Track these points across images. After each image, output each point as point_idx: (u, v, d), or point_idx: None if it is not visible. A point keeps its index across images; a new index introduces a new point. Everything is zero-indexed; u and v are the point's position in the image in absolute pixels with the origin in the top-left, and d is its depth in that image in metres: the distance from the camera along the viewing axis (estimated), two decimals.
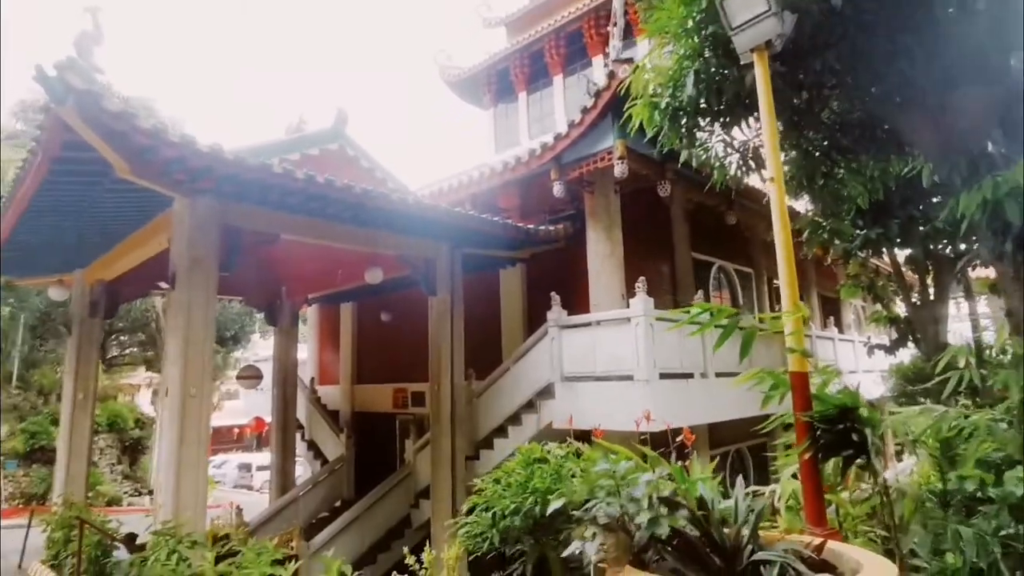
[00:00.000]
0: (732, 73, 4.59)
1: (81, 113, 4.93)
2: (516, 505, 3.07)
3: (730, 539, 2.22)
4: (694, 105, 4.63)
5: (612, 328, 7.86)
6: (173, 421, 6.29)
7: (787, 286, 3.37)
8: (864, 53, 4.20)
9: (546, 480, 3.14)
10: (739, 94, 4.57)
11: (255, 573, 4.42)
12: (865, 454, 3.14)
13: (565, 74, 17.25)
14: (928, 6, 3.94)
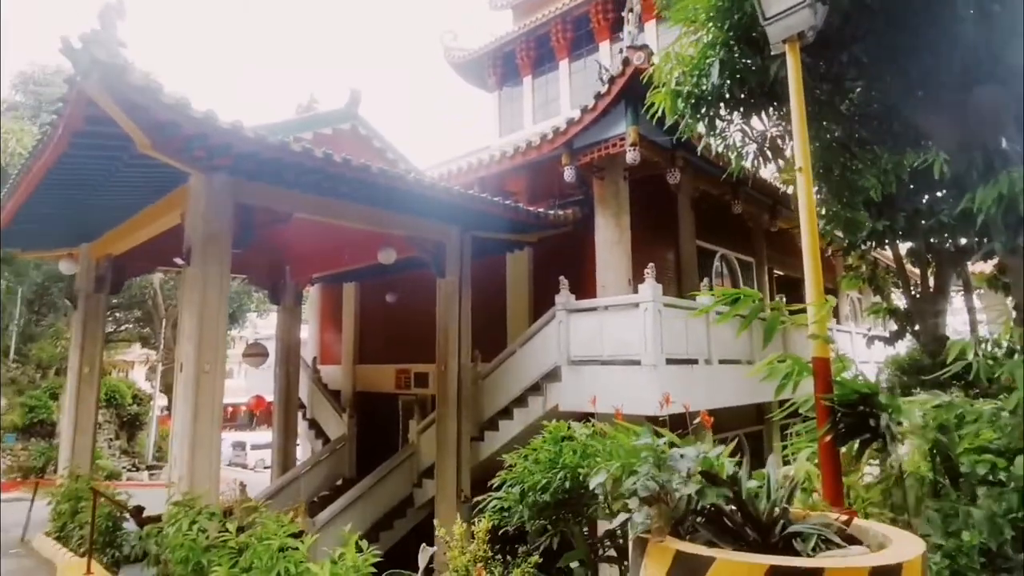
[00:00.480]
0: (756, 62, 4.64)
1: (106, 86, 4.93)
2: (547, 480, 3.19)
3: (764, 513, 2.33)
4: (717, 94, 4.68)
5: (620, 313, 7.96)
6: (187, 396, 6.36)
7: (812, 276, 3.46)
8: (889, 47, 4.26)
9: (575, 457, 3.25)
10: (762, 84, 4.63)
11: (276, 543, 4.52)
12: (881, 438, 3.27)
13: (571, 59, 17.17)
14: (951, 4, 4.01)
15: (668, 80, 5.01)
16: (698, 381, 8.17)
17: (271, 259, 12.58)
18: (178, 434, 6.36)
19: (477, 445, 9.30)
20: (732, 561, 2.02)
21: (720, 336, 8.77)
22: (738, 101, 4.83)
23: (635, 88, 8.05)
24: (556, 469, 3.23)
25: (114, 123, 5.39)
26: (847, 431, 3.27)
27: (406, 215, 8.53)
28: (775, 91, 4.71)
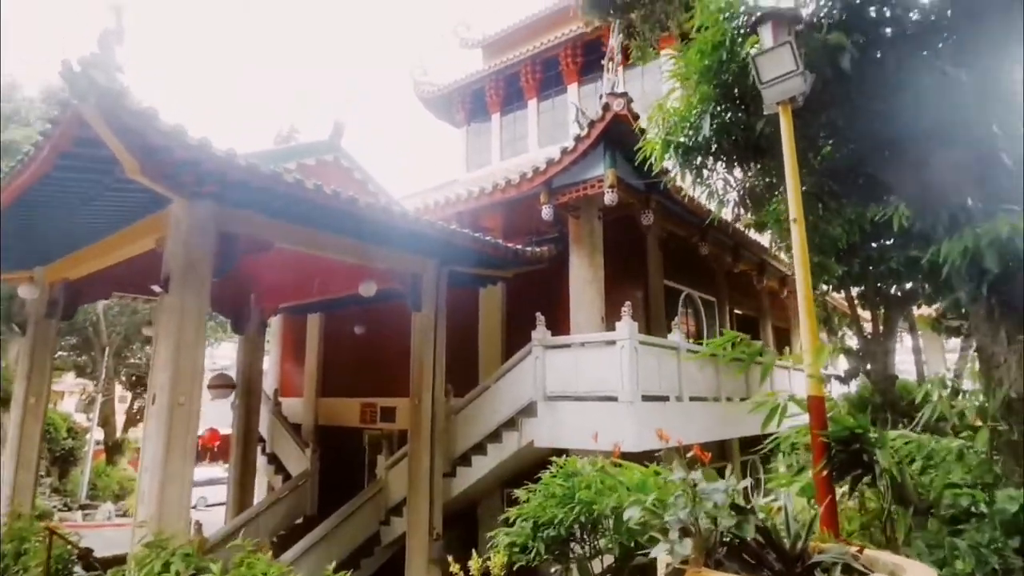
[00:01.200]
0: (741, 119, 5.00)
1: (102, 111, 4.87)
2: (563, 515, 3.25)
3: (788, 545, 2.47)
4: (706, 146, 5.00)
5: (597, 350, 8.14)
6: (160, 429, 6.11)
7: (807, 321, 3.70)
8: (862, 111, 4.67)
9: (590, 492, 3.34)
10: (747, 138, 4.97)
11: None
12: (872, 473, 3.49)
13: (539, 98, 17.72)
14: (920, 74, 4.45)
15: (659, 130, 5.32)
16: (671, 417, 8.38)
17: (236, 287, 12.26)
18: (148, 469, 6.08)
19: (449, 481, 9.21)
20: None
21: (690, 374, 9.06)
22: (725, 153, 5.16)
23: (614, 132, 8.45)
24: (572, 504, 3.31)
25: (103, 146, 5.29)
26: (841, 467, 3.48)
27: (385, 248, 8.54)
28: (759, 145, 5.07)
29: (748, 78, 4.82)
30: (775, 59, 3.78)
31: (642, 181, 9.08)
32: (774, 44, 3.81)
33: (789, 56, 3.71)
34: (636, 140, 8.33)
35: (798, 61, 3.71)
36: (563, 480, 3.54)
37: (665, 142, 5.13)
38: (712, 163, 5.41)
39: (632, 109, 8.15)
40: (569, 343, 8.49)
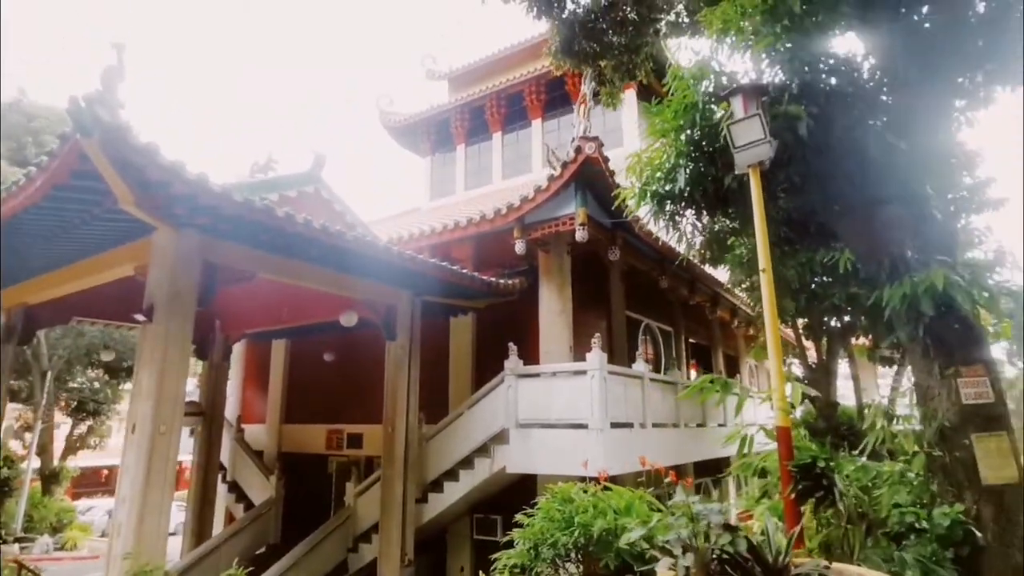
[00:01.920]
0: (711, 172, 5.55)
1: (105, 146, 4.99)
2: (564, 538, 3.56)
3: (771, 559, 2.85)
4: (680, 195, 5.51)
5: (568, 379, 8.52)
6: (140, 459, 6.11)
7: (775, 360, 4.16)
8: (815, 170, 5.28)
9: (587, 515, 3.65)
10: (717, 190, 5.51)
11: None
12: (832, 495, 3.96)
13: (504, 131, 18.29)
14: (866, 140, 5.10)
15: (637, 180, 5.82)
16: (635, 443, 8.79)
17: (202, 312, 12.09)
18: (125, 500, 6.04)
19: (420, 507, 9.33)
20: None
21: (652, 402, 9.53)
22: (695, 202, 5.68)
23: (585, 173, 8.96)
24: (572, 527, 3.62)
25: (98, 178, 5.39)
26: (805, 490, 3.93)
27: (363, 279, 8.74)
28: (726, 196, 5.61)
29: (717, 137, 5.39)
30: (746, 128, 4.31)
31: (610, 219, 9.61)
32: (745, 115, 4.34)
33: (758, 126, 4.24)
34: (605, 181, 8.94)
35: (766, 130, 4.24)
36: (560, 505, 3.84)
37: (642, 191, 5.62)
38: (683, 210, 5.93)
39: (603, 152, 8.69)
40: (541, 372, 8.84)
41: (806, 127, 4.80)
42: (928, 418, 5.00)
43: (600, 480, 4.59)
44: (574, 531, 3.56)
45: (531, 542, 3.70)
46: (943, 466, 4.79)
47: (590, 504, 3.74)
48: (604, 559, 3.55)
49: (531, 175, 17.32)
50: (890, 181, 5.16)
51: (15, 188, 5.63)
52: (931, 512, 3.94)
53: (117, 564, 5.87)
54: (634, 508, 3.91)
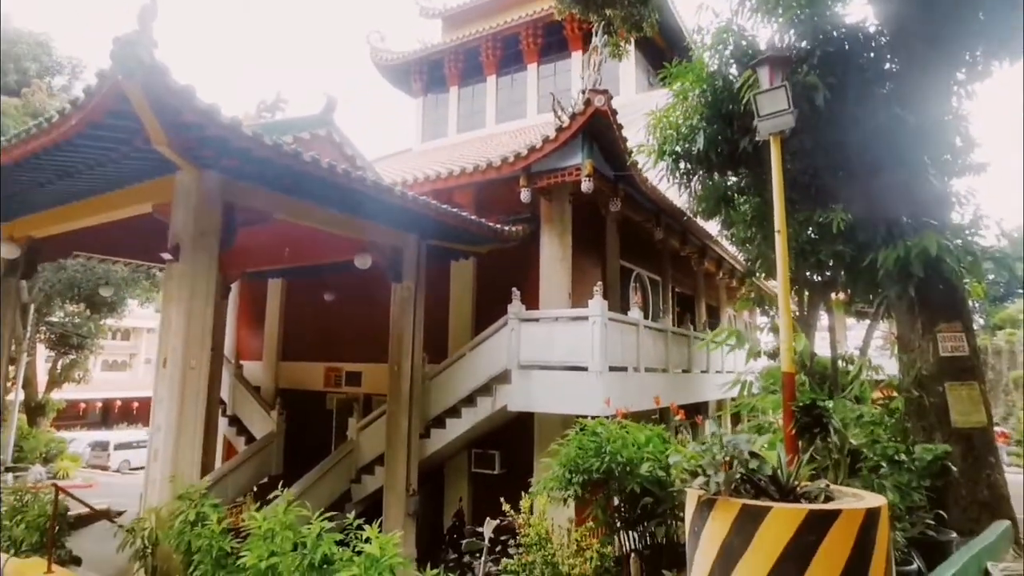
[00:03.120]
0: (727, 135, 5.86)
1: (145, 87, 5.06)
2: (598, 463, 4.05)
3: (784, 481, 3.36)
4: (697, 156, 5.83)
5: (570, 324, 8.97)
6: (173, 392, 6.42)
7: (784, 314, 4.61)
8: (824, 137, 5.64)
9: (617, 445, 4.14)
10: (731, 152, 5.85)
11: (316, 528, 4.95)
12: (826, 431, 4.52)
13: (499, 75, 18.10)
14: (875, 111, 5.45)
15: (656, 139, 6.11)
16: (630, 386, 9.40)
17: None
18: (161, 428, 6.38)
19: (423, 442, 9.88)
20: (784, 509, 3.02)
21: (645, 347, 10.10)
22: (710, 161, 6.02)
23: (593, 126, 9.14)
24: (603, 454, 4.10)
25: (132, 118, 5.45)
26: (804, 427, 4.47)
27: (373, 221, 8.93)
28: (739, 157, 5.96)
29: (735, 101, 5.69)
30: (772, 98, 4.60)
31: (613, 171, 9.88)
32: (771, 85, 4.62)
33: (783, 97, 4.54)
34: (613, 133, 9.15)
35: (790, 101, 4.54)
36: (590, 437, 4.31)
37: (661, 150, 5.91)
38: (696, 168, 6.26)
39: (611, 106, 8.86)
40: (544, 317, 9.27)
41: (822, 97, 5.12)
42: (907, 367, 5.60)
43: (618, 415, 5.09)
44: (605, 458, 4.04)
45: (565, 468, 4.19)
46: (917, 409, 5.42)
47: (617, 436, 4.23)
48: (629, 484, 4.06)
49: (525, 120, 17.32)
50: (892, 149, 5.56)
51: (46, 124, 5.64)
52: (911, 447, 4.53)
53: (156, 487, 6.27)
54: (653, 441, 4.41)
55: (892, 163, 5.56)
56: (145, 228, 8.83)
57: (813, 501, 3.29)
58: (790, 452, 4.41)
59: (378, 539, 4.70)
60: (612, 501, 4.23)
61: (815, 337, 12.04)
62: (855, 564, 2.98)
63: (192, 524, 5.53)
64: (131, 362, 40.97)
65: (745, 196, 6.64)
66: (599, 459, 4.06)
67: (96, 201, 7.93)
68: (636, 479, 4.14)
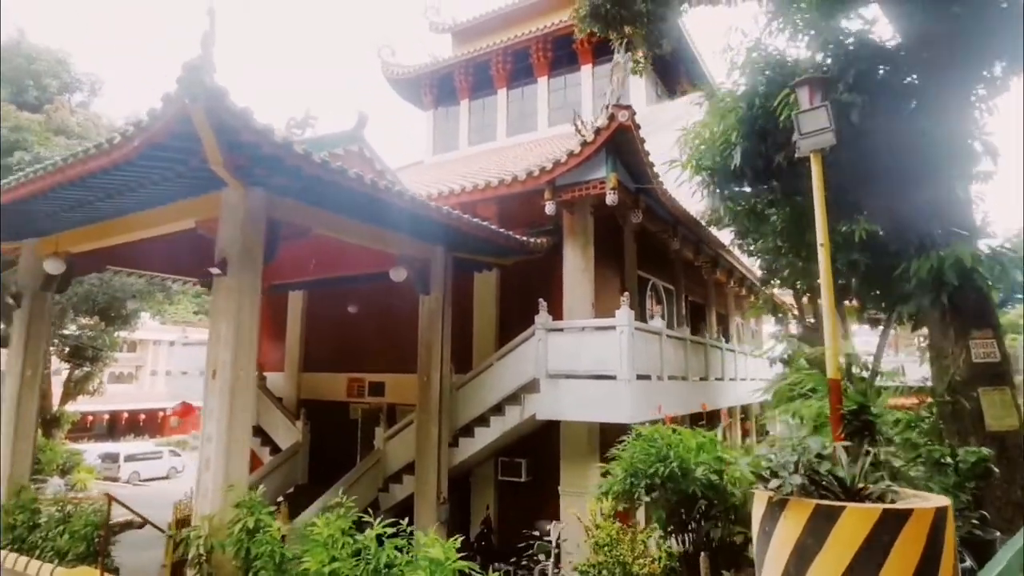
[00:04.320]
0: (762, 150, 6.09)
1: (208, 109, 5.27)
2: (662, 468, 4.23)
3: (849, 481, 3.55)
4: (733, 171, 6.05)
5: (597, 333, 9.15)
6: (223, 403, 6.59)
7: (829, 322, 4.80)
8: (857, 157, 5.86)
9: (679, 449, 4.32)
10: (767, 167, 6.07)
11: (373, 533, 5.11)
12: (872, 435, 4.71)
13: (509, 87, 18.36)
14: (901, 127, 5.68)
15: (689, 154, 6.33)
16: (654, 393, 9.57)
17: None
18: (212, 439, 6.54)
19: (452, 451, 10.03)
20: (859, 508, 3.21)
21: (667, 356, 10.29)
22: (744, 176, 6.24)
23: (616, 140, 9.39)
24: (668, 460, 4.29)
25: (192, 139, 5.65)
26: (853, 431, 4.66)
27: (402, 234, 9.14)
28: (773, 172, 6.18)
29: (770, 119, 5.92)
30: (812, 117, 4.82)
31: (634, 184, 10.12)
32: (811, 105, 4.85)
33: (824, 116, 4.76)
34: (635, 147, 9.39)
35: (831, 120, 4.77)
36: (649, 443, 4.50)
37: (698, 165, 6.14)
38: (730, 183, 6.48)
39: (635, 120, 9.10)
40: (571, 327, 9.45)
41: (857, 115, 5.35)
42: (941, 373, 5.79)
43: (666, 421, 5.28)
44: (671, 463, 4.23)
45: (628, 473, 4.37)
46: (952, 413, 5.62)
47: (677, 442, 4.41)
48: (690, 487, 4.24)
49: (536, 133, 17.59)
50: (919, 163, 5.79)
51: (107, 145, 5.84)
52: (955, 450, 4.73)
53: (208, 496, 6.42)
54: (706, 447, 4.60)
55: (920, 176, 5.79)
56: (175, 243, 9.04)
57: (878, 501, 3.48)
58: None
59: (441, 544, 4.87)
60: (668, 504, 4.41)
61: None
62: (927, 562, 3.16)
63: (251, 532, 5.67)
64: (137, 374, 40.97)
65: (775, 209, 6.85)
66: (664, 464, 4.24)
67: (139, 217, 8.12)
68: (694, 482, 4.33)
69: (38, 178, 6.64)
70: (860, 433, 4.62)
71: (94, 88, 15.96)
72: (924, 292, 5.77)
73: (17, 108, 13.15)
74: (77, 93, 15.64)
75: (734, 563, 4.30)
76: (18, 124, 12.95)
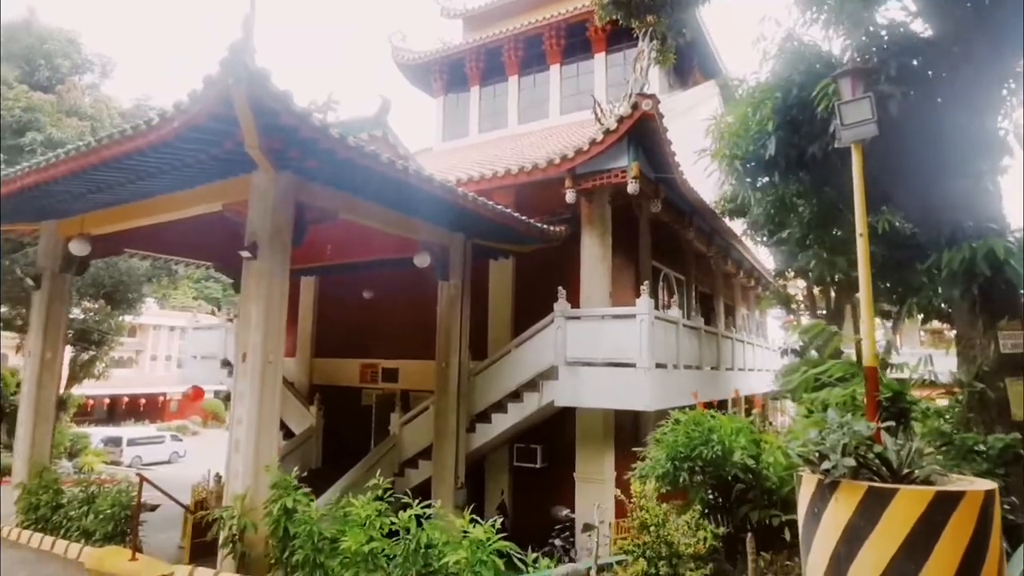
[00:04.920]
0: (795, 141, 6.13)
1: (250, 92, 5.27)
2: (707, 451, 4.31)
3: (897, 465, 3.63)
4: (767, 161, 6.09)
5: (617, 322, 9.22)
6: (253, 386, 6.65)
7: (867, 313, 4.83)
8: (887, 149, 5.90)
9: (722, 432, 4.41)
10: (800, 158, 6.11)
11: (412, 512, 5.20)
12: (908, 423, 4.79)
13: (520, 75, 18.26)
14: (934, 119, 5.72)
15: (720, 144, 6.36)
16: (671, 382, 9.67)
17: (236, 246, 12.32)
18: (243, 421, 6.60)
19: (469, 436, 10.12)
20: (912, 490, 3.29)
21: (683, 345, 10.38)
22: (777, 167, 6.27)
23: (639, 129, 9.40)
24: (712, 443, 4.37)
25: (230, 121, 5.65)
26: (888, 417, 4.74)
27: (425, 220, 9.18)
28: (805, 163, 6.22)
29: (805, 109, 5.95)
30: (856, 108, 4.85)
31: (655, 173, 10.15)
32: (853, 96, 4.88)
33: (868, 107, 4.79)
34: (658, 136, 9.40)
35: (874, 111, 4.80)
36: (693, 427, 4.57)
37: (732, 155, 6.17)
38: (763, 173, 6.52)
39: (659, 110, 9.12)
40: (590, 315, 9.52)
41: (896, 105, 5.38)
42: (968, 363, 5.88)
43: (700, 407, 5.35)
44: (715, 446, 4.31)
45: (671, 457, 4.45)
46: (979, 403, 5.70)
47: (718, 426, 4.49)
48: (731, 471, 4.32)
49: (548, 120, 17.54)
50: (951, 157, 5.84)
51: (144, 127, 5.84)
52: (986, 437, 4.82)
53: (239, 477, 6.49)
54: (743, 431, 4.68)
55: (951, 169, 5.83)
56: (191, 227, 9.06)
57: (924, 484, 3.56)
58: (876, 440, 4.68)
59: (481, 526, 4.96)
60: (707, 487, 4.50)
61: (842, 334, 12.34)
62: (977, 543, 3.25)
63: (288, 511, 5.75)
64: (137, 359, 40.98)
65: (803, 200, 6.90)
66: (707, 447, 4.33)
67: (165, 200, 8.12)
68: (734, 466, 4.41)
69: (71, 158, 6.63)
70: (896, 420, 4.70)
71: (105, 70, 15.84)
72: (955, 284, 5.83)
73: (29, 88, 13.06)
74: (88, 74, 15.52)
75: (771, 545, 4.39)
76: (30, 104, 12.86)
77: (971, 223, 5.79)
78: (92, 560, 6.74)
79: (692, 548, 3.87)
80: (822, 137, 5.97)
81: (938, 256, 5.83)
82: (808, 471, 3.76)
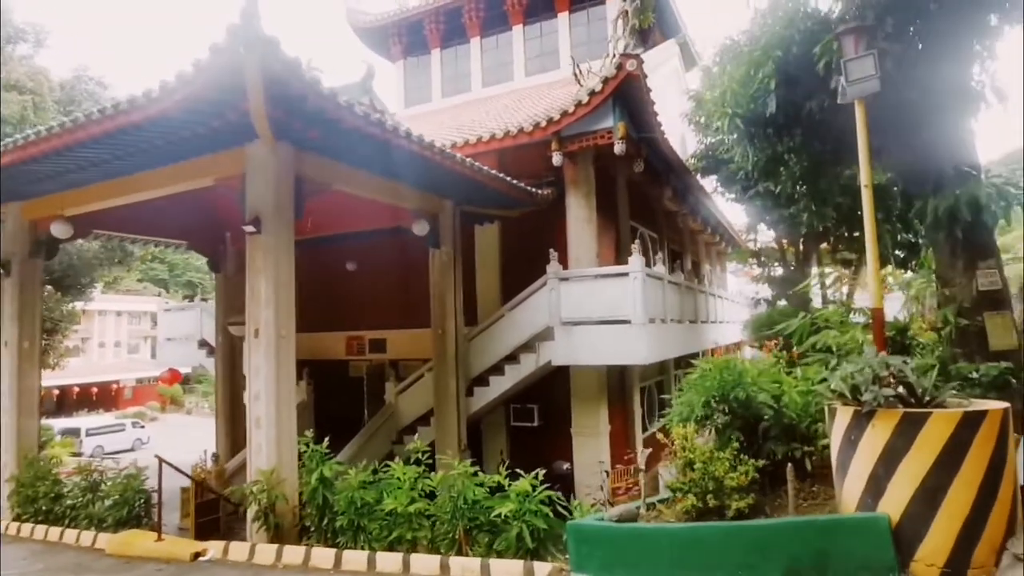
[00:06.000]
0: (792, 99, 6.39)
1: (262, 60, 5.12)
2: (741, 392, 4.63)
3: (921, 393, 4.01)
4: (766, 119, 6.35)
5: (610, 281, 9.47)
6: (268, 359, 6.63)
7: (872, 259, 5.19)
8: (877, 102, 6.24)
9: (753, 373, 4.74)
10: (797, 115, 6.39)
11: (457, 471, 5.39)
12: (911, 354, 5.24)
13: (483, 36, 17.93)
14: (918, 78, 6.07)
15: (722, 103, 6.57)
16: (660, 336, 10.06)
17: (211, 225, 11.98)
18: (261, 396, 6.58)
19: (467, 400, 10.31)
20: (943, 413, 3.68)
21: (670, 301, 10.78)
22: (775, 124, 6.54)
23: (624, 90, 9.52)
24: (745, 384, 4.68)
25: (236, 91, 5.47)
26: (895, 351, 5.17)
27: (416, 188, 9.13)
28: (802, 120, 6.51)
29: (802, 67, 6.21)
30: (859, 65, 5.12)
31: (637, 133, 10.33)
32: (857, 53, 5.15)
33: (871, 63, 5.07)
34: (642, 96, 9.55)
35: (878, 68, 5.08)
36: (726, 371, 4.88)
37: (734, 114, 6.40)
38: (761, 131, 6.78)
39: (643, 69, 9.24)
40: (583, 275, 9.74)
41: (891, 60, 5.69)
42: (948, 300, 6.39)
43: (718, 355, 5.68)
44: (748, 387, 4.63)
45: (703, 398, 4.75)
46: (961, 336, 6.24)
47: (746, 370, 4.82)
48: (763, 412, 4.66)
49: (513, 83, 17.38)
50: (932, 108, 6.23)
51: (143, 100, 5.58)
52: (978, 366, 5.32)
53: (263, 452, 6.50)
54: (772, 374, 5.03)
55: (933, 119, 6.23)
56: (166, 205, 8.75)
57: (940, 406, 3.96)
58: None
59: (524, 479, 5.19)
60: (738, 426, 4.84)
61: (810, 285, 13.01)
62: (998, 456, 3.68)
63: (326, 481, 5.84)
64: (84, 346, 39.15)
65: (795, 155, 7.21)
66: (741, 389, 4.65)
67: (144, 176, 7.78)
68: (760, 406, 4.76)
69: (53, 136, 6.28)
70: (902, 353, 5.13)
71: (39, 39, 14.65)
72: (938, 228, 6.30)
73: None
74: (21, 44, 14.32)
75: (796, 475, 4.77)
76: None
77: (952, 170, 6.23)
78: (115, 545, 6.69)
79: (735, 481, 4.19)
80: (817, 94, 6.26)
81: (923, 203, 6.27)
82: (840, 404, 4.12)
